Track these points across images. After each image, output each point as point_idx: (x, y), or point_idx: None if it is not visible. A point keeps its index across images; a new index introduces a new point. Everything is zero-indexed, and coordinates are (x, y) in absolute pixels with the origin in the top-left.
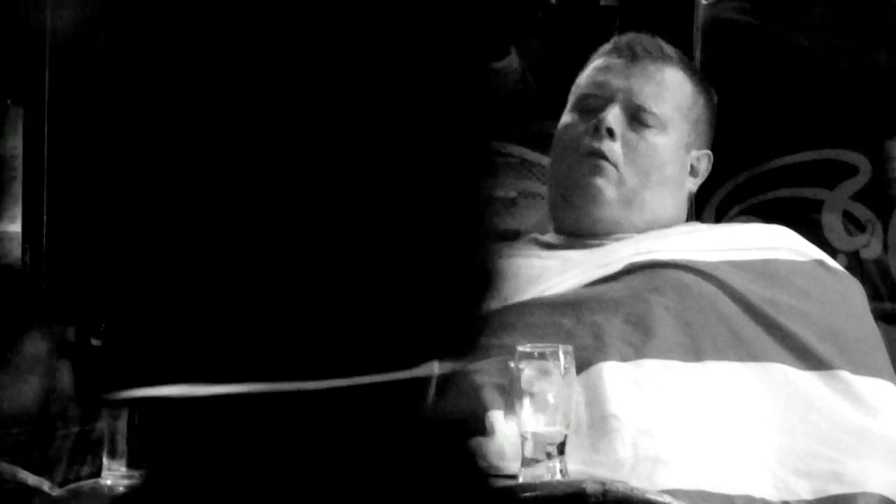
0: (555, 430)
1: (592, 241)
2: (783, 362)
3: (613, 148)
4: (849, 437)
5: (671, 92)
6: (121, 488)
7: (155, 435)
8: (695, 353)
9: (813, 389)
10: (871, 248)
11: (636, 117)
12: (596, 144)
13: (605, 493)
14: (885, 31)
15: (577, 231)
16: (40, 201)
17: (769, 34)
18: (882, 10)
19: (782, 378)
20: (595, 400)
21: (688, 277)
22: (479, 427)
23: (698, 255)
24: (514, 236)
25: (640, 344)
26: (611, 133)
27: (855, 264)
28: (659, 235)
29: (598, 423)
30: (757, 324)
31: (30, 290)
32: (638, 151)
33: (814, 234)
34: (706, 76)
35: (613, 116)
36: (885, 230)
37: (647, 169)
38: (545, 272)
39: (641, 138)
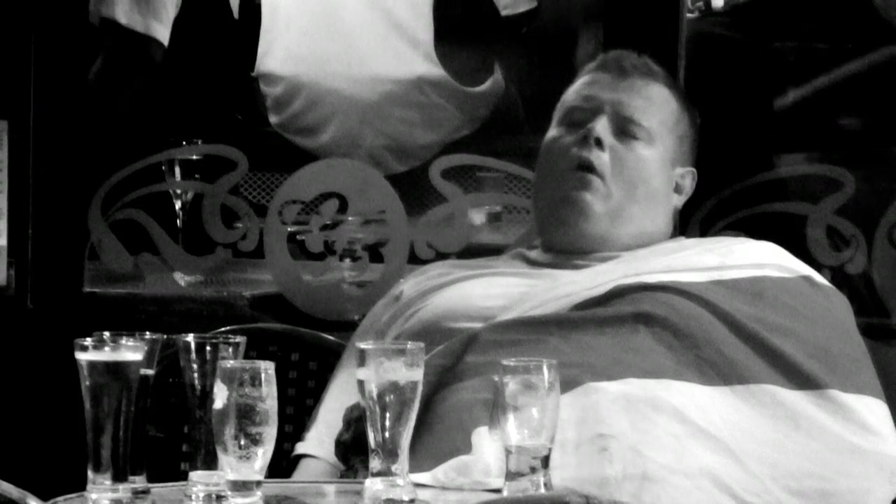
0: (539, 444)
1: (579, 261)
2: (773, 383)
3: (602, 158)
4: (839, 456)
5: (658, 107)
6: (105, 502)
7: None
8: (681, 374)
9: (802, 410)
10: (855, 262)
11: (624, 129)
12: (585, 154)
13: None
14: (870, 43)
15: (565, 247)
16: (26, 216)
17: (754, 49)
18: (865, 23)
19: (770, 399)
20: (584, 419)
21: (675, 300)
22: (465, 444)
23: (685, 275)
24: (499, 251)
25: (628, 364)
26: (599, 143)
27: (840, 279)
28: (646, 255)
29: (588, 441)
30: (745, 344)
31: (14, 304)
32: (625, 163)
33: (799, 248)
34: (690, 91)
35: (602, 127)
36: (870, 245)
37: (634, 181)
38: (531, 290)
39: (629, 150)
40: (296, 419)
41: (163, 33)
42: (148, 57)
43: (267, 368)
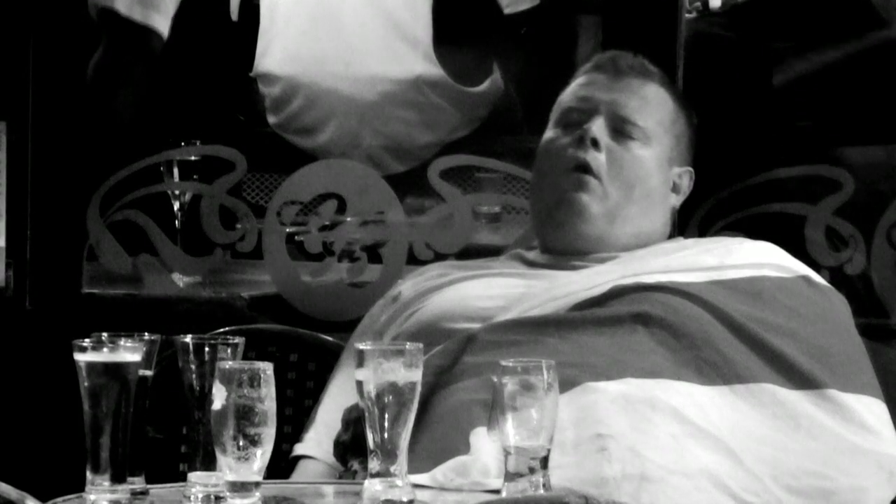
0: (538, 444)
1: (578, 262)
2: (772, 382)
3: (598, 159)
4: (839, 455)
5: (654, 107)
6: (104, 503)
7: None
8: (680, 374)
9: (802, 409)
10: (854, 263)
11: (620, 129)
12: (581, 155)
13: None
14: (864, 44)
15: (563, 248)
16: (24, 216)
17: (752, 48)
18: (864, 22)
19: (770, 398)
20: (583, 419)
21: (674, 300)
22: (463, 444)
23: (684, 276)
24: (497, 252)
25: (627, 364)
26: (595, 144)
27: (839, 279)
28: (644, 255)
29: (587, 441)
30: (744, 344)
31: (13, 305)
32: (622, 163)
33: (798, 249)
34: (688, 92)
35: (598, 127)
36: (868, 245)
37: (631, 181)
38: (529, 291)
39: (625, 150)
40: (294, 420)
41: (162, 25)
42: (147, 48)
43: (265, 369)
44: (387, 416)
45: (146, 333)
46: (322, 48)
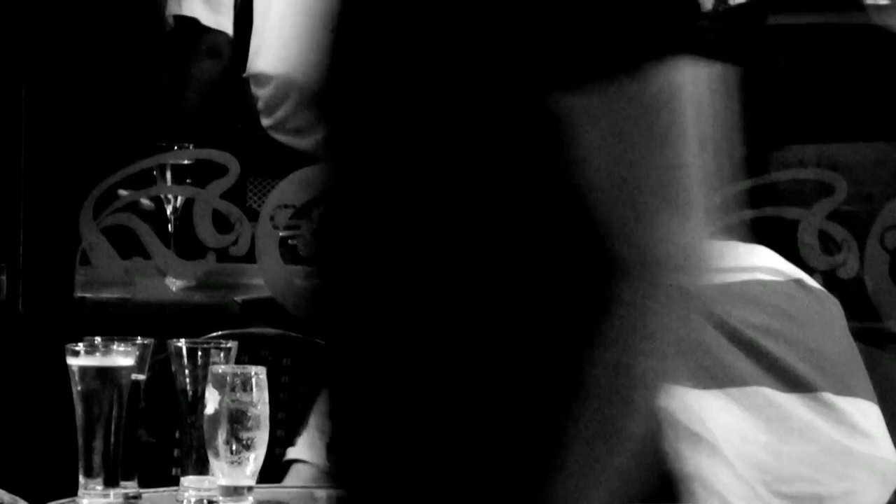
0: None
1: None
2: (765, 385)
3: None
4: (832, 459)
5: None
6: None
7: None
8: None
9: (795, 412)
10: (847, 266)
11: None
12: None
13: None
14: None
15: None
16: (17, 220)
17: (746, 50)
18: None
19: (764, 402)
20: None
21: None
22: None
23: None
24: None
25: None
26: None
27: (832, 283)
28: None
29: None
30: (737, 348)
31: (6, 309)
32: None
33: (791, 253)
34: None
35: None
36: (862, 249)
37: None
38: None
39: None
40: (288, 424)
41: (227, 26)
42: (221, 51)
43: (258, 373)
44: None
45: (139, 337)
46: (315, 47)
